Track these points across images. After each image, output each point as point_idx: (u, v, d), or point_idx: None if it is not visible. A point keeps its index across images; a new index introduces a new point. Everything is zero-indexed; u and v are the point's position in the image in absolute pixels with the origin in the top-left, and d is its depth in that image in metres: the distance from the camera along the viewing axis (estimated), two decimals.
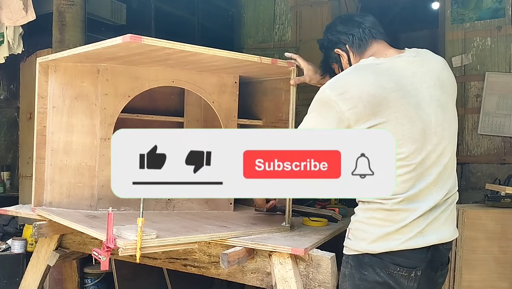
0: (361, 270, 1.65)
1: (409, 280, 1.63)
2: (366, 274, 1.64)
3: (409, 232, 1.61)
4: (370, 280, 1.64)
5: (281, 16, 5.49)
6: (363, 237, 1.66)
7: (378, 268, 1.63)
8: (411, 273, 1.62)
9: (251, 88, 2.73)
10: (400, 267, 1.62)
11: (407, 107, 1.60)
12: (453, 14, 4.54)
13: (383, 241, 1.62)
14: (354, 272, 1.68)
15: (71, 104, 2.43)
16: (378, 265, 1.63)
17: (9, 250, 3.45)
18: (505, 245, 2.83)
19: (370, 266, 1.64)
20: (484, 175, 4.27)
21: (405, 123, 1.58)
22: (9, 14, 3.41)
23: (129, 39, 1.80)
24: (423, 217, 1.62)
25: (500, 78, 4.31)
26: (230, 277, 2.10)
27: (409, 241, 1.61)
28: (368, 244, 1.64)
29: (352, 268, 1.69)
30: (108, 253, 1.71)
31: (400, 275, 1.62)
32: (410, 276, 1.62)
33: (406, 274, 1.62)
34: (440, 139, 1.65)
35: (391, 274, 1.62)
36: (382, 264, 1.62)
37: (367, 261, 1.64)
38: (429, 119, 1.63)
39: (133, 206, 2.39)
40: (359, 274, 1.66)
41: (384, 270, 1.62)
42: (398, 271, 1.62)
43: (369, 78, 1.62)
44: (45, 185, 2.45)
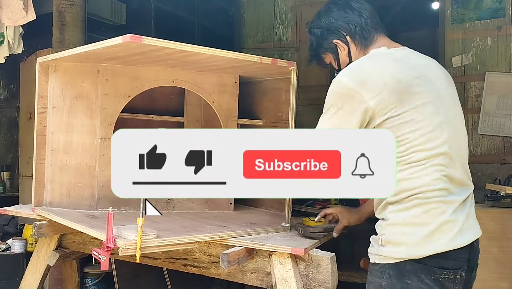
0: (404, 279, 1.50)
1: (455, 284, 1.52)
2: (410, 283, 1.49)
3: (451, 228, 1.49)
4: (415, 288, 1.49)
5: (281, 16, 5.49)
6: (402, 241, 1.51)
7: (423, 274, 1.49)
8: (457, 275, 1.51)
9: (251, 88, 2.73)
10: (447, 270, 1.50)
11: (430, 94, 1.52)
12: (453, 14, 4.54)
13: (427, 243, 1.48)
14: (395, 282, 1.51)
15: (71, 104, 2.43)
16: (422, 271, 1.49)
17: (9, 250, 3.45)
18: (505, 245, 2.83)
19: (413, 274, 1.49)
20: (484, 175, 4.27)
21: (433, 111, 1.51)
22: (9, 14, 3.42)
23: (129, 39, 1.80)
24: (460, 210, 1.53)
25: (500, 78, 4.31)
26: (230, 277, 2.10)
27: (454, 240, 1.49)
28: (410, 249, 1.50)
29: (391, 278, 1.52)
30: (108, 253, 1.71)
31: (447, 279, 1.50)
32: (456, 279, 1.51)
33: (453, 277, 1.51)
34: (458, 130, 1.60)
35: (437, 279, 1.49)
36: (427, 270, 1.49)
37: (410, 269, 1.49)
38: (448, 109, 1.57)
39: (133, 205, 2.39)
40: (401, 284, 1.50)
41: (430, 276, 1.49)
42: (444, 275, 1.50)
43: (390, 64, 1.53)
44: (45, 184, 2.45)
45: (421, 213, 1.49)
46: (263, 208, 2.70)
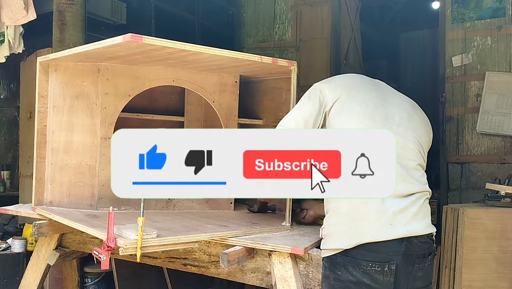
0: (335, 270, 1.67)
1: (384, 275, 1.63)
2: (340, 274, 1.66)
3: (375, 219, 1.62)
4: (344, 279, 1.65)
5: (281, 16, 5.49)
6: (333, 232, 1.69)
7: (351, 267, 1.63)
8: (385, 267, 1.62)
9: (252, 88, 2.73)
10: (373, 263, 1.62)
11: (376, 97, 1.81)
12: (453, 13, 4.54)
13: (352, 233, 1.63)
14: (329, 273, 1.70)
15: (71, 103, 2.43)
16: (350, 264, 1.63)
17: (9, 249, 3.46)
18: (505, 244, 2.83)
19: (342, 266, 1.65)
20: (484, 175, 4.27)
21: (370, 105, 1.76)
22: (10, 14, 3.42)
23: (129, 39, 1.80)
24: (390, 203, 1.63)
25: (500, 78, 4.31)
26: (230, 277, 2.10)
27: (379, 232, 1.61)
28: (339, 240, 1.66)
29: (326, 269, 1.72)
30: (108, 252, 1.71)
31: (374, 271, 1.62)
32: (384, 271, 1.62)
33: (380, 269, 1.62)
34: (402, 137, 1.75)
35: (365, 271, 1.62)
36: (354, 262, 1.63)
37: (340, 261, 1.67)
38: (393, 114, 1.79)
39: (134, 205, 2.39)
40: (334, 275, 1.68)
41: (358, 268, 1.62)
42: (371, 267, 1.62)
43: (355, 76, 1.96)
44: (46, 184, 2.45)
45: (348, 203, 1.64)
46: None
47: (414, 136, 1.79)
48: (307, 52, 5.16)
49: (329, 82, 1.88)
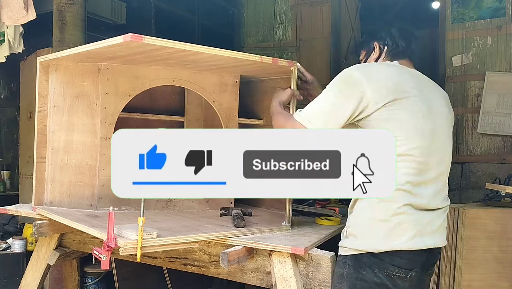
0: (360, 270, 1.66)
1: (403, 281, 1.66)
2: (364, 274, 1.65)
3: (409, 228, 1.63)
4: (368, 280, 1.65)
5: (281, 15, 5.49)
6: (364, 234, 1.66)
7: (377, 269, 1.64)
8: (408, 274, 1.65)
9: (252, 88, 2.73)
10: (399, 269, 1.64)
11: (422, 105, 1.68)
12: (453, 13, 4.54)
13: (385, 239, 1.62)
14: (352, 272, 1.68)
15: (71, 103, 2.43)
16: (377, 266, 1.64)
17: (9, 249, 3.45)
18: (505, 244, 2.83)
19: (369, 267, 1.65)
20: (484, 174, 4.27)
21: (419, 117, 1.66)
22: (10, 13, 3.41)
23: (130, 39, 1.80)
24: (424, 215, 1.66)
25: (500, 78, 4.31)
26: (230, 276, 2.10)
27: (410, 241, 1.63)
28: (369, 243, 1.65)
29: (350, 268, 1.69)
30: (109, 252, 1.71)
31: (398, 276, 1.64)
32: (406, 278, 1.66)
33: (403, 275, 1.65)
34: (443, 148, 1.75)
35: (390, 275, 1.64)
36: (382, 265, 1.63)
37: (366, 261, 1.65)
38: (438, 127, 1.73)
39: (134, 205, 2.39)
40: (357, 274, 1.66)
41: (383, 271, 1.64)
42: (396, 272, 1.64)
43: (394, 71, 1.73)
44: (46, 184, 2.45)
45: (384, 210, 1.62)
46: (263, 207, 2.70)
47: (449, 151, 1.81)
48: (307, 52, 5.16)
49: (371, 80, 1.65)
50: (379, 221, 1.63)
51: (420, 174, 1.65)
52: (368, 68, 1.75)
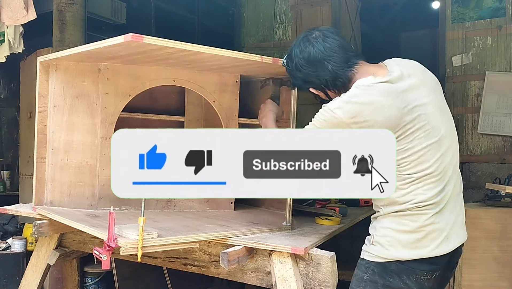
0: (386, 277, 1.66)
1: (429, 282, 1.67)
2: (392, 281, 1.65)
3: (437, 237, 1.63)
4: (395, 287, 1.65)
5: (281, 15, 5.49)
6: (392, 244, 1.65)
7: (405, 275, 1.64)
8: (433, 275, 1.67)
9: (252, 88, 2.73)
10: (427, 272, 1.65)
11: (420, 119, 1.60)
12: (453, 13, 4.54)
13: (414, 248, 1.63)
14: (377, 278, 1.67)
15: (72, 103, 2.43)
16: (405, 272, 1.64)
17: (9, 249, 3.45)
18: (505, 244, 2.84)
19: (396, 274, 1.65)
20: (484, 174, 4.27)
21: (422, 136, 1.60)
22: (10, 13, 3.41)
23: (130, 38, 1.80)
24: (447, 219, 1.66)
25: (500, 78, 4.31)
26: (230, 276, 2.10)
27: (438, 248, 1.63)
28: (398, 251, 1.64)
29: (375, 274, 1.68)
30: (109, 252, 1.71)
31: (425, 279, 1.65)
32: (432, 279, 1.67)
33: (430, 277, 1.66)
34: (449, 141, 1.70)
35: (418, 280, 1.64)
36: (410, 271, 1.64)
37: (394, 269, 1.65)
38: (438, 126, 1.66)
39: (134, 205, 2.39)
40: (383, 281, 1.66)
41: (411, 277, 1.64)
42: (425, 276, 1.65)
43: (381, 99, 1.57)
44: (46, 184, 2.45)
45: (412, 222, 1.63)
46: (263, 207, 2.70)
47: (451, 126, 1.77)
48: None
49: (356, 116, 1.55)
50: (407, 233, 1.63)
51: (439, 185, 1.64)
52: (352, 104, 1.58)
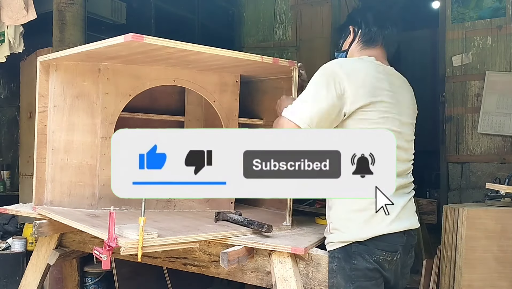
0: (351, 260, 1.72)
1: (390, 264, 1.75)
2: (356, 263, 1.72)
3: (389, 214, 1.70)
4: (361, 267, 1.71)
5: (281, 15, 5.49)
6: (347, 226, 1.74)
7: (367, 255, 1.71)
8: (393, 257, 1.75)
9: (252, 87, 2.73)
10: (385, 252, 1.72)
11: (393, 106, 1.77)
12: (453, 13, 4.53)
13: (367, 227, 1.70)
14: (344, 264, 1.74)
15: (72, 103, 2.43)
16: (366, 252, 1.71)
17: (9, 249, 3.45)
18: (505, 244, 2.83)
19: (359, 254, 1.72)
20: (484, 174, 4.27)
21: (389, 118, 1.75)
22: (10, 13, 3.41)
23: (131, 38, 1.80)
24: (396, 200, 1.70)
25: (500, 78, 4.31)
26: (230, 276, 2.10)
27: (392, 225, 1.72)
28: (354, 232, 1.72)
29: (340, 261, 1.75)
30: (109, 252, 1.71)
31: (385, 260, 1.73)
32: (392, 260, 1.74)
33: (390, 258, 1.73)
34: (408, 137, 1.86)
35: (377, 260, 1.72)
36: (369, 251, 1.71)
37: (355, 250, 1.72)
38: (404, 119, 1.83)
39: (134, 205, 2.39)
40: (350, 265, 1.73)
41: (371, 256, 1.71)
42: (383, 256, 1.72)
43: (373, 71, 1.78)
44: (46, 184, 2.45)
45: (361, 200, 1.71)
46: (263, 207, 2.70)
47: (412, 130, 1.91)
48: (307, 52, 5.16)
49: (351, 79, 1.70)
50: (359, 211, 1.71)
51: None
52: (349, 64, 1.80)
